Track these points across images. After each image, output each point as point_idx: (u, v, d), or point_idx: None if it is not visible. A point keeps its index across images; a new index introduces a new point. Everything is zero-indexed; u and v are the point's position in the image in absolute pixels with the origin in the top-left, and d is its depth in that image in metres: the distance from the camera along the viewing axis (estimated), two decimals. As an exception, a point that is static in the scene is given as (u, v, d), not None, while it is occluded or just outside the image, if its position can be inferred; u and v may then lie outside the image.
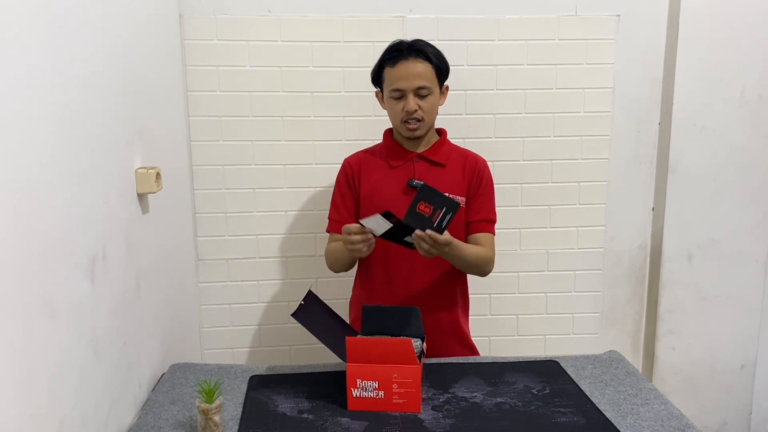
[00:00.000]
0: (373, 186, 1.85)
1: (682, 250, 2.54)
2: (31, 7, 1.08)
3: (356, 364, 1.49)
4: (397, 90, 1.76)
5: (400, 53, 1.76)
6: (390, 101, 1.80)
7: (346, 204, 1.89)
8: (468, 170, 1.86)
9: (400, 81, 1.76)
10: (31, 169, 1.06)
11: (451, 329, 1.89)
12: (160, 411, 1.52)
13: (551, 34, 2.37)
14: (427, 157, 1.84)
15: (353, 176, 1.89)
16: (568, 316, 2.56)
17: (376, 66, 1.83)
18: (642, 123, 2.49)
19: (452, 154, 1.87)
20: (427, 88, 1.76)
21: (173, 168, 2.04)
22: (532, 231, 2.50)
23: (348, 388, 1.50)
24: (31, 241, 1.05)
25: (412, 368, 1.49)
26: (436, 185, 1.80)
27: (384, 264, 1.85)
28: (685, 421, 1.47)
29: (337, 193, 1.92)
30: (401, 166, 1.85)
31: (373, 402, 1.50)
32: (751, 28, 2.41)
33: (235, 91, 2.30)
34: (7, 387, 0.97)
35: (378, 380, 1.49)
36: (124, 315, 1.51)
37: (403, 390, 1.50)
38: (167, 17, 2.07)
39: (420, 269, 1.83)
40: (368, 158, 1.91)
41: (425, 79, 1.76)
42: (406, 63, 1.75)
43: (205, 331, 2.45)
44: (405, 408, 1.50)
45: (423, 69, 1.76)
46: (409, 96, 1.76)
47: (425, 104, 1.77)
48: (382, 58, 1.81)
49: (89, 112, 1.32)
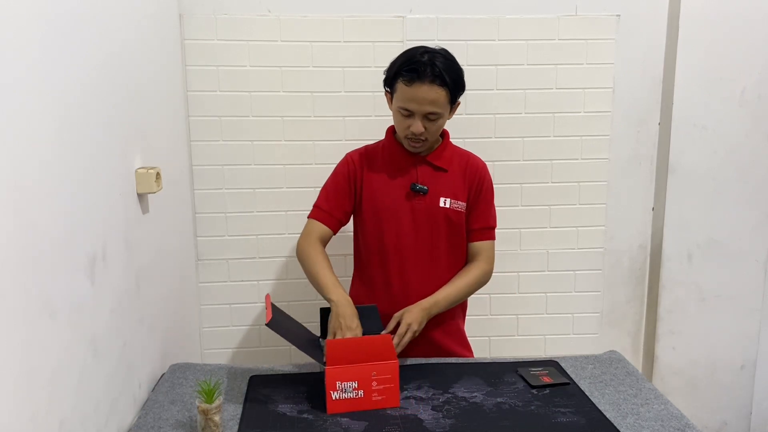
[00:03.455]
0: (375, 188, 1.83)
1: (682, 250, 2.54)
2: (31, 8, 1.08)
3: (336, 366, 1.48)
4: (407, 110, 1.70)
5: (417, 75, 1.65)
6: (397, 114, 1.74)
7: (338, 197, 1.83)
8: (469, 175, 1.84)
9: (411, 103, 1.68)
10: (32, 169, 1.06)
11: (449, 327, 1.89)
12: (160, 411, 1.52)
13: (551, 34, 2.37)
14: (430, 162, 1.82)
15: (356, 173, 1.84)
16: (568, 316, 2.56)
17: (391, 73, 1.73)
18: (642, 123, 2.49)
19: (454, 158, 1.85)
20: (437, 114, 1.70)
21: (173, 168, 2.04)
22: (532, 231, 2.50)
23: (327, 392, 1.48)
24: (31, 241, 1.05)
25: (390, 364, 1.50)
26: (438, 190, 1.81)
27: (381, 265, 1.84)
28: (685, 421, 1.47)
29: (332, 182, 1.86)
30: (404, 169, 1.82)
31: (353, 402, 1.49)
32: (751, 28, 2.41)
33: (235, 91, 2.30)
34: (7, 387, 0.97)
35: (357, 380, 1.49)
36: (124, 315, 1.51)
37: (382, 386, 1.50)
38: (167, 17, 2.07)
39: (417, 269, 1.82)
40: (371, 157, 1.86)
41: (438, 105, 1.68)
42: (422, 87, 1.65)
43: (205, 331, 2.46)
44: (384, 404, 1.51)
45: (437, 96, 1.67)
46: (417, 118, 1.70)
47: (432, 127, 1.73)
48: (398, 68, 1.70)
49: (89, 112, 1.32)
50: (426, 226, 1.81)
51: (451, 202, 1.81)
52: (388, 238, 1.82)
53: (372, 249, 1.85)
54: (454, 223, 1.82)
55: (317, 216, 1.83)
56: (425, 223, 1.81)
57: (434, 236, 1.82)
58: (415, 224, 1.81)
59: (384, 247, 1.83)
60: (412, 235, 1.81)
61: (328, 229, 1.82)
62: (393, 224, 1.81)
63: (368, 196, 1.83)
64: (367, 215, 1.84)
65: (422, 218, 1.81)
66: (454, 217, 1.82)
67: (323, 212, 1.83)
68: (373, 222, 1.83)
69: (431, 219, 1.81)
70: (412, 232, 1.81)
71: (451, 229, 1.82)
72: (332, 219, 1.82)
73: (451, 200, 1.81)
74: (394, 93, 1.74)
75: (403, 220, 1.81)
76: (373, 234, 1.84)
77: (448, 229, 1.82)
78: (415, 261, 1.82)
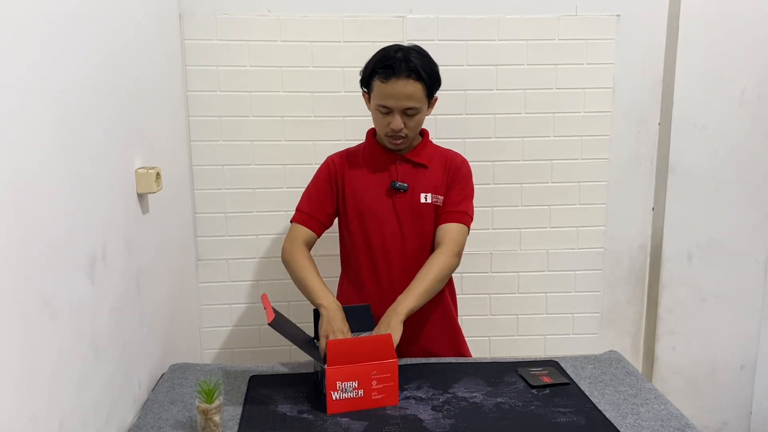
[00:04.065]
0: (356, 188, 1.83)
1: (682, 250, 2.54)
2: (31, 8, 1.08)
3: (336, 366, 1.48)
4: (385, 107, 1.71)
5: (392, 70, 1.67)
6: (376, 113, 1.75)
7: (320, 199, 1.84)
8: (448, 169, 1.83)
9: (389, 99, 1.69)
10: (31, 169, 1.06)
11: (445, 326, 1.88)
12: (160, 411, 1.52)
13: (551, 34, 2.37)
14: (409, 159, 1.82)
15: (336, 174, 1.85)
16: (568, 316, 2.56)
17: (367, 72, 1.75)
18: (642, 123, 2.49)
19: (435, 155, 1.85)
20: (415, 109, 1.71)
21: (173, 168, 2.04)
22: (532, 231, 2.50)
23: (327, 392, 1.48)
24: (31, 241, 1.05)
25: (390, 363, 1.50)
26: (418, 186, 1.80)
27: (369, 264, 1.84)
28: (685, 421, 1.47)
29: (314, 186, 1.86)
30: (384, 167, 1.82)
31: (353, 402, 1.49)
32: (751, 28, 2.41)
33: (235, 91, 2.30)
34: (7, 387, 0.97)
35: (357, 380, 1.49)
36: (124, 315, 1.51)
37: (382, 385, 1.51)
38: (167, 17, 2.07)
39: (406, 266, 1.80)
40: (351, 159, 1.87)
41: (415, 100, 1.69)
42: (398, 82, 1.67)
43: (205, 331, 2.46)
44: (384, 402, 1.51)
45: (414, 90, 1.68)
46: (396, 114, 1.71)
47: (412, 123, 1.73)
48: (373, 67, 1.72)
49: (89, 112, 1.32)
50: (411, 223, 1.80)
51: (432, 197, 1.80)
52: (373, 237, 1.81)
53: (358, 249, 1.85)
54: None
55: (300, 219, 1.83)
56: (410, 220, 1.80)
57: (421, 232, 1.81)
58: (399, 222, 1.80)
59: (370, 246, 1.82)
60: (398, 233, 1.81)
61: (312, 233, 1.83)
62: (376, 223, 1.81)
63: (350, 196, 1.83)
64: (351, 215, 1.84)
65: (406, 215, 1.80)
66: (437, 212, 1.81)
67: (306, 215, 1.83)
68: (357, 222, 1.83)
69: (415, 215, 1.80)
70: (398, 229, 1.81)
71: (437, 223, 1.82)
72: (315, 222, 1.83)
73: (432, 195, 1.80)
74: (371, 92, 1.74)
75: (387, 218, 1.80)
76: (358, 234, 1.84)
77: (435, 225, 1.81)
78: (403, 258, 1.81)
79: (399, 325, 1.60)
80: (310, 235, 1.82)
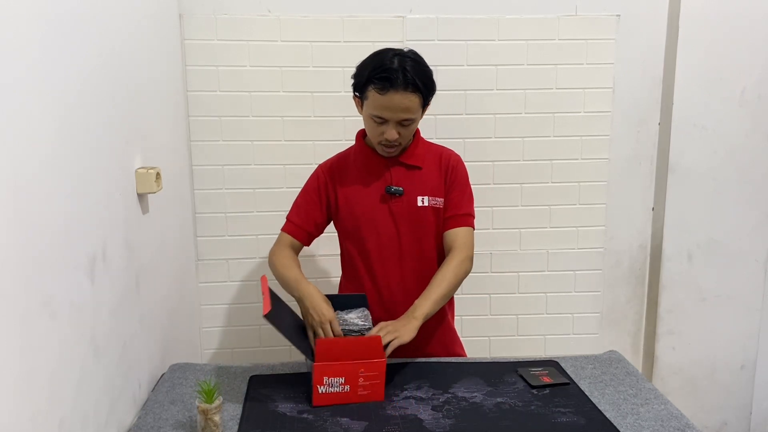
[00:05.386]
0: (350, 196, 1.81)
1: (682, 250, 2.54)
2: (31, 8, 1.08)
3: (323, 363, 1.49)
4: (380, 117, 1.67)
5: (390, 84, 1.62)
6: (370, 121, 1.70)
7: (308, 210, 1.84)
8: (443, 168, 1.81)
9: (385, 111, 1.65)
10: (31, 169, 1.06)
11: (438, 327, 1.88)
12: (160, 411, 1.52)
13: (551, 34, 2.37)
14: (403, 162, 1.79)
15: (326, 185, 1.83)
16: (568, 316, 2.56)
17: (361, 80, 1.68)
18: (642, 123, 2.49)
19: (427, 154, 1.82)
20: (411, 120, 1.68)
21: (173, 168, 2.04)
22: (532, 231, 2.50)
23: (314, 386, 1.50)
24: (31, 241, 1.05)
25: (378, 362, 1.52)
26: (414, 189, 1.78)
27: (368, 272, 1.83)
28: (685, 421, 1.47)
29: (302, 197, 1.87)
30: (377, 172, 1.80)
31: (339, 396, 1.52)
32: (751, 28, 2.41)
33: (235, 91, 2.30)
34: (7, 387, 0.97)
35: (344, 376, 1.51)
36: (124, 315, 1.51)
37: (368, 382, 1.52)
38: (167, 17, 2.07)
39: (406, 272, 1.80)
40: (342, 165, 1.85)
41: (411, 112, 1.66)
42: (395, 95, 1.62)
43: (205, 331, 2.46)
44: (369, 398, 1.53)
45: (411, 103, 1.64)
46: (391, 125, 1.67)
47: (406, 132, 1.71)
48: (369, 75, 1.65)
49: (89, 112, 1.32)
50: (408, 227, 1.79)
51: (429, 200, 1.79)
52: (370, 244, 1.80)
53: (356, 257, 1.84)
54: (438, 221, 1.80)
55: (288, 229, 1.86)
56: (407, 224, 1.79)
57: (420, 236, 1.80)
58: (396, 226, 1.79)
59: (368, 253, 1.81)
60: (395, 237, 1.79)
61: (298, 242, 1.85)
62: (373, 230, 1.79)
63: (344, 204, 1.82)
64: (347, 224, 1.83)
65: (403, 219, 1.78)
66: (436, 214, 1.80)
67: (294, 226, 1.85)
68: (354, 230, 1.82)
69: (413, 219, 1.79)
70: (395, 235, 1.79)
71: (437, 227, 1.81)
72: (302, 232, 1.84)
73: (429, 198, 1.78)
74: (365, 100, 1.69)
75: (384, 225, 1.79)
76: (356, 242, 1.83)
77: (434, 228, 1.80)
78: (403, 264, 1.80)
79: (415, 331, 1.61)
80: (296, 243, 1.85)
